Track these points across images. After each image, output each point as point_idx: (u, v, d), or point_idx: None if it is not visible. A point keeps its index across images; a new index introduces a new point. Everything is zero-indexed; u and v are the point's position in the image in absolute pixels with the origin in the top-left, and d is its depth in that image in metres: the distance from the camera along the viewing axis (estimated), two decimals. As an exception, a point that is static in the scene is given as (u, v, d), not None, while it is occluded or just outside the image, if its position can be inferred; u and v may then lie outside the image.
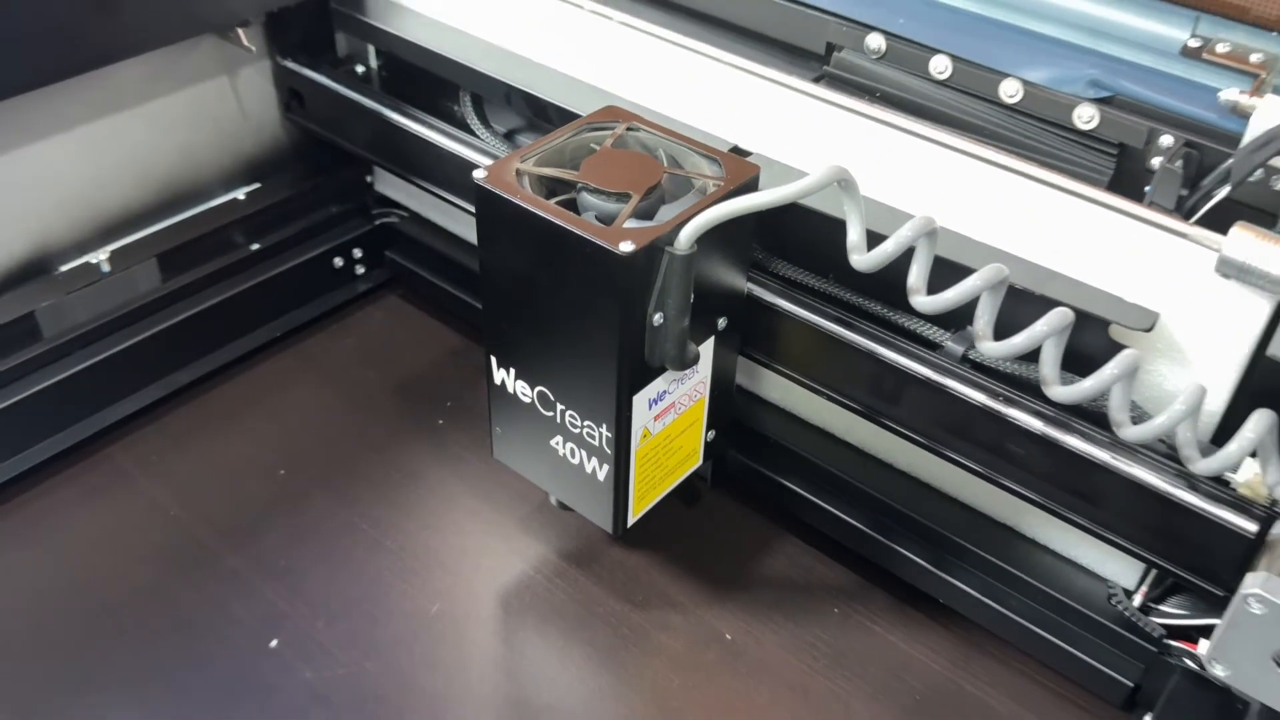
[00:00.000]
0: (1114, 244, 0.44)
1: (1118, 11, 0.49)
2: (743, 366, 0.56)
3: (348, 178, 0.72)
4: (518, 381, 0.50)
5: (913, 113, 0.50)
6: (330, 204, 0.72)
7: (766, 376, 0.56)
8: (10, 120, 0.59)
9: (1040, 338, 0.42)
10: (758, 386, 0.57)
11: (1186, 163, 0.45)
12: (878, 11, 0.52)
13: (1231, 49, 0.47)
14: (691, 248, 0.43)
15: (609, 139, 0.48)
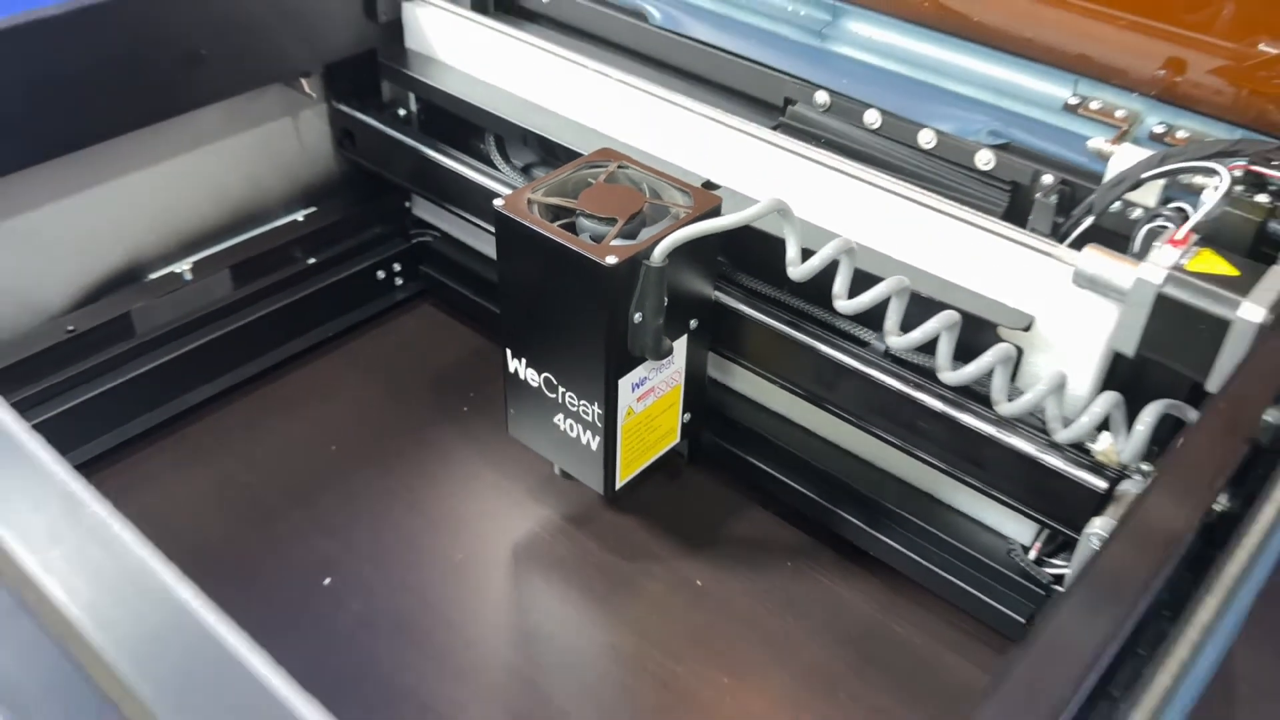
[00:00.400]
0: (1001, 261, 0.54)
1: (1013, 74, 0.60)
2: (716, 362, 0.67)
3: (390, 204, 0.83)
4: (528, 369, 0.61)
5: (850, 156, 0.60)
6: (374, 225, 0.82)
7: (736, 371, 0.66)
8: (112, 156, 0.69)
9: (932, 333, 0.53)
10: (729, 379, 0.68)
11: (1060, 197, 0.56)
12: (824, 72, 0.63)
13: (1102, 105, 0.57)
14: (664, 261, 0.54)
15: (603, 175, 0.59)
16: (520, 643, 0.61)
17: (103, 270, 0.72)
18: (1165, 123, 0.56)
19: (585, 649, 0.61)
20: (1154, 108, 0.57)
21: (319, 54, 0.77)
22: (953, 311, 0.52)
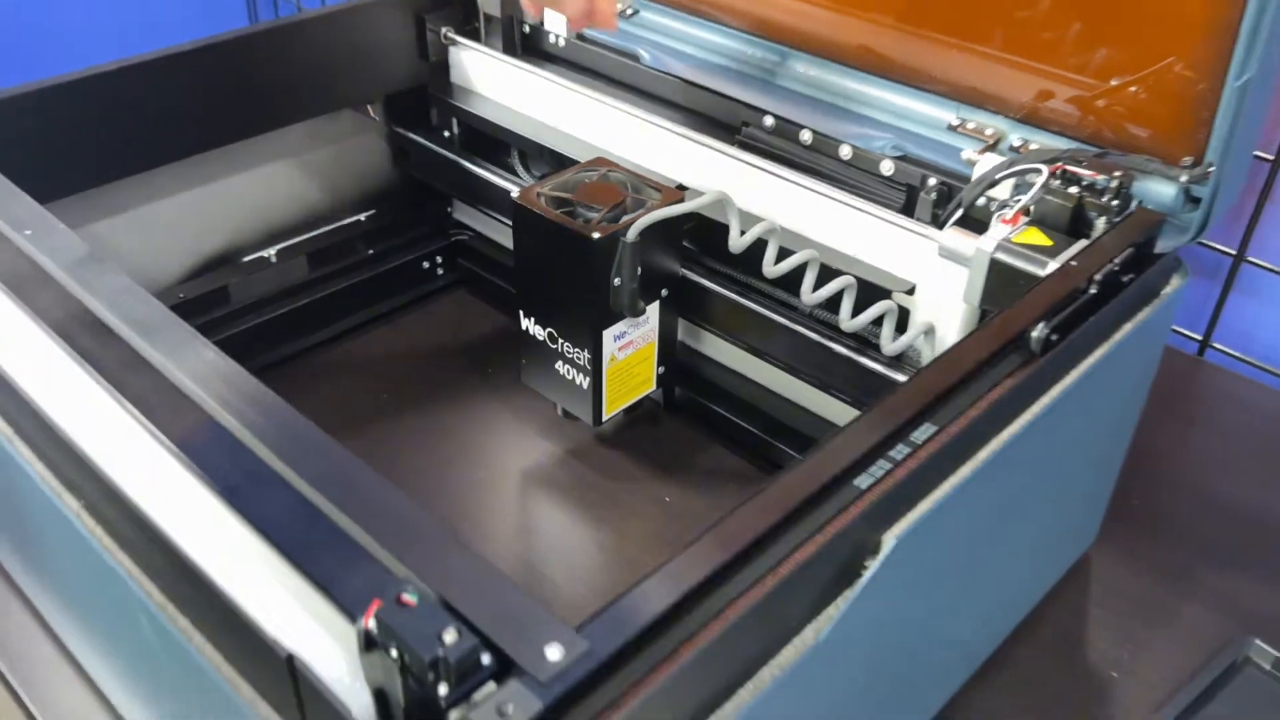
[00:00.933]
0: (895, 242, 0.71)
1: (911, 102, 0.76)
2: (690, 331, 0.85)
3: (434, 208, 0.99)
4: (535, 325, 0.78)
5: (789, 165, 0.77)
6: (421, 225, 0.98)
7: (704, 338, 0.83)
8: (219, 162, 0.85)
9: (834, 290, 0.69)
10: (699, 345, 0.85)
11: (939, 195, 0.72)
12: (771, 101, 0.80)
13: (976, 126, 0.74)
14: (636, 238, 0.71)
15: (595, 176, 0.77)
16: (525, 537, 0.77)
17: (208, 252, 0.88)
18: (1023, 138, 0.72)
19: (574, 543, 0.77)
20: (1015, 127, 0.73)
21: (381, 87, 0.93)
22: (849, 276, 0.68)
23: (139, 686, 0.55)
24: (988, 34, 0.73)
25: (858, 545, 0.46)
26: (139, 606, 0.46)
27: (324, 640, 0.39)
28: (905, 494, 0.47)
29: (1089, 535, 0.76)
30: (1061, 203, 0.64)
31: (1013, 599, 0.68)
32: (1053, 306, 0.55)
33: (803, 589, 0.44)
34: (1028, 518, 0.62)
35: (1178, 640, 0.72)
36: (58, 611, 0.64)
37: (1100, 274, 0.57)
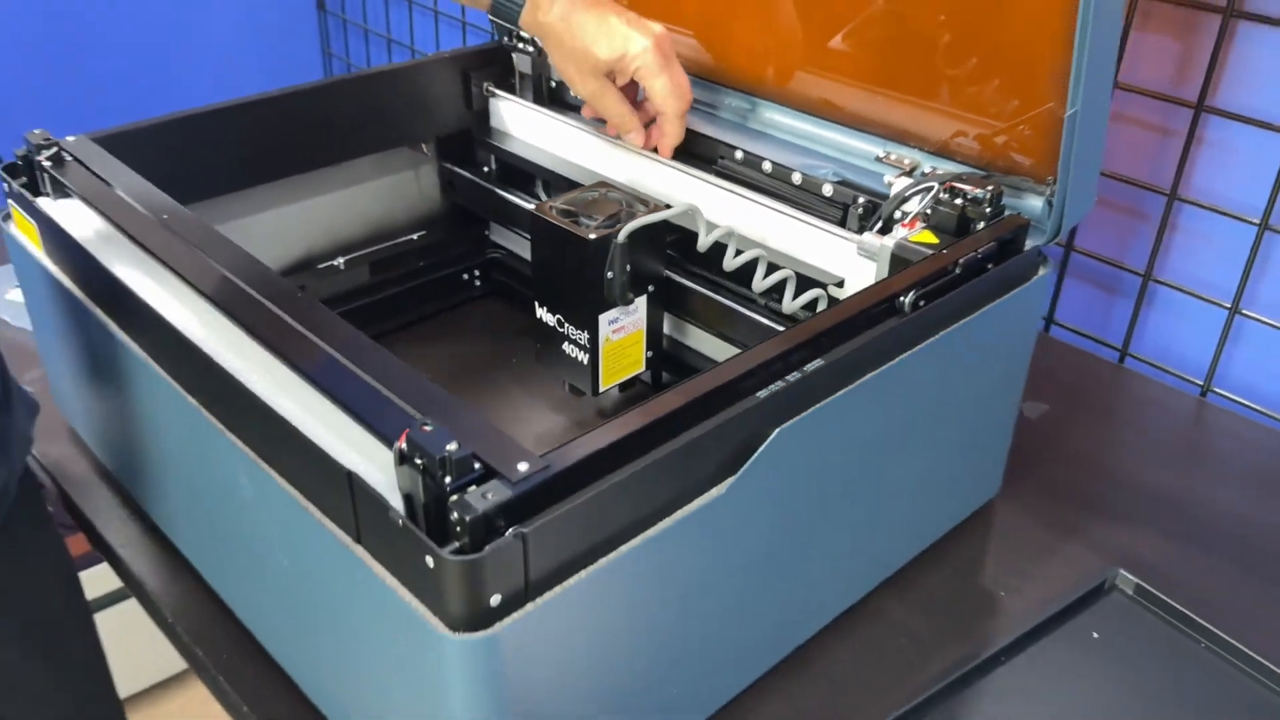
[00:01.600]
0: (830, 246, 0.88)
1: (849, 139, 0.93)
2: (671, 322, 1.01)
3: (475, 230, 1.16)
4: (547, 313, 0.97)
5: (753, 189, 0.95)
6: (464, 244, 1.15)
7: (683, 327, 1.01)
8: (300, 185, 1.01)
9: (776, 279, 0.88)
10: (680, 334, 1.02)
11: (865, 210, 0.90)
12: (740, 139, 0.98)
13: (898, 157, 0.92)
14: (625, 239, 0.90)
15: (596, 194, 0.97)
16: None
17: (289, 259, 1.05)
18: (933, 166, 0.90)
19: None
20: (928, 158, 0.91)
21: (434, 129, 1.10)
22: (789, 270, 0.87)
23: (234, 556, 0.75)
24: (907, 86, 0.92)
25: (752, 433, 0.64)
26: (241, 467, 0.65)
27: (369, 467, 0.58)
28: (790, 403, 0.65)
29: (990, 487, 0.93)
30: (949, 211, 0.82)
31: (914, 522, 0.85)
32: (922, 279, 0.73)
33: (709, 454, 0.62)
34: (913, 451, 0.79)
35: (1059, 572, 0.88)
36: (169, 513, 0.83)
37: (964, 259, 0.76)
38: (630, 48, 0.93)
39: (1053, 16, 0.78)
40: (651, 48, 0.93)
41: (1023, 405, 1.07)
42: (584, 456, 0.56)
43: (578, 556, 0.57)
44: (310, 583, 0.64)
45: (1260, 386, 1.11)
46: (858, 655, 0.79)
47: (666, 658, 0.65)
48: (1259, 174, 1.04)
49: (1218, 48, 1.03)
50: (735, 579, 0.68)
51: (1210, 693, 0.78)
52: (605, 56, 0.93)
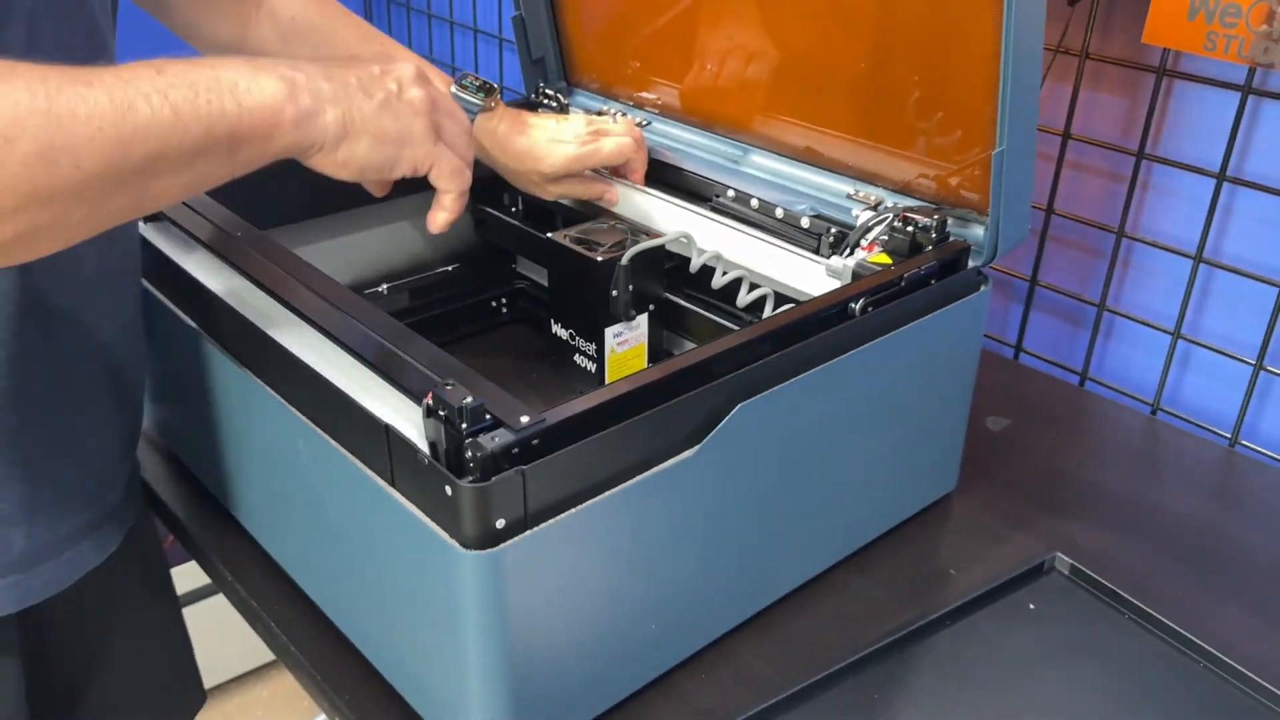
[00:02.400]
0: (805, 269, 1.02)
1: (825, 180, 1.08)
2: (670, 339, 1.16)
3: (503, 262, 1.28)
4: (561, 328, 1.11)
5: (743, 222, 1.11)
6: (493, 275, 1.29)
7: (679, 343, 1.16)
8: (353, 219, 1.12)
9: (757, 296, 1.02)
10: (679, 350, 1.17)
11: (836, 239, 1.04)
12: (732, 180, 1.13)
13: (866, 194, 1.06)
14: (628, 262, 1.05)
15: (605, 225, 1.12)
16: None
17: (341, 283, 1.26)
18: (895, 202, 1.05)
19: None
20: (891, 195, 1.04)
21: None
22: (768, 288, 1.01)
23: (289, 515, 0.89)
24: (874, 135, 1.07)
25: (719, 407, 0.77)
26: (299, 431, 0.79)
27: (401, 422, 0.72)
28: (750, 383, 0.79)
29: (947, 482, 1.05)
30: (902, 237, 0.96)
31: (871, 506, 0.98)
32: (870, 290, 0.87)
33: (680, 421, 0.75)
34: (867, 439, 0.92)
35: (1006, 556, 1.00)
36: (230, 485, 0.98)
37: (907, 275, 0.89)
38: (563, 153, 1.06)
39: (988, 76, 0.91)
40: (583, 136, 1.07)
41: (987, 420, 1.20)
42: (575, 414, 0.70)
43: (568, 496, 0.70)
44: (353, 526, 0.78)
45: (1208, 407, 1.23)
46: (819, 617, 0.92)
47: (645, 595, 0.79)
48: (1196, 214, 1.17)
49: (1153, 103, 1.16)
50: (704, 533, 0.81)
51: (1130, 656, 0.90)
52: (548, 170, 1.07)
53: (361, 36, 1.03)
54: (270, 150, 0.68)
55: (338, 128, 0.70)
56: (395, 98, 0.73)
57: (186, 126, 0.61)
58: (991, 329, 1.41)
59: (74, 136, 0.56)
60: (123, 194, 0.60)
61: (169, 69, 0.63)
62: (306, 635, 0.87)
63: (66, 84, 0.57)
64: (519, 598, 0.70)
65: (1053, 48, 1.22)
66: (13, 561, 0.77)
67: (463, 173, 0.79)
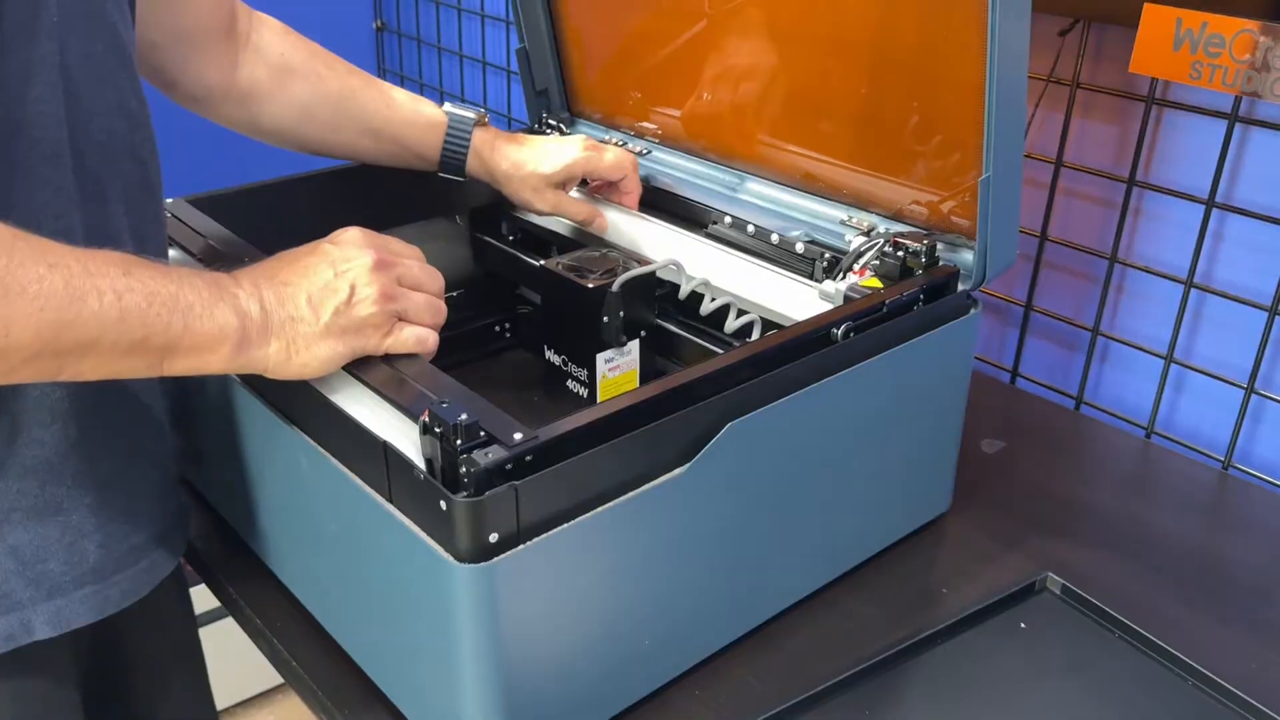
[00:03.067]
0: (799, 293, 1.04)
1: (819, 206, 1.10)
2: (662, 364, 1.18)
3: (504, 289, 1.30)
4: (553, 354, 1.13)
5: (738, 249, 1.12)
6: (495, 301, 1.31)
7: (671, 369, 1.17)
8: None
9: (744, 322, 1.03)
10: (679, 377, 1.18)
11: (830, 264, 1.06)
12: (729, 206, 1.16)
13: (859, 220, 1.09)
14: (619, 289, 1.07)
15: (597, 253, 1.13)
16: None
17: None
18: (887, 227, 1.07)
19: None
20: (884, 220, 1.06)
21: (467, 204, 1.24)
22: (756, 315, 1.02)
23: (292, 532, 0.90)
24: (868, 162, 1.09)
25: (709, 426, 0.79)
26: (299, 448, 0.81)
27: (400, 439, 0.74)
28: (740, 404, 0.81)
29: (940, 503, 1.07)
30: (893, 261, 0.98)
31: (864, 525, 0.99)
32: (855, 314, 0.89)
33: (671, 439, 0.77)
34: (858, 459, 0.93)
35: (998, 576, 1.01)
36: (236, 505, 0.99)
37: (890, 300, 0.91)
38: (566, 156, 1.11)
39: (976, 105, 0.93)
40: (584, 146, 1.12)
41: (982, 443, 1.21)
42: (567, 431, 0.72)
43: (561, 512, 0.72)
44: (351, 541, 0.80)
45: (1202, 431, 1.24)
46: (811, 634, 0.93)
47: (638, 610, 0.80)
48: (1186, 239, 1.18)
49: (1143, 130, 1.18)
50: (696, 550, 0.82)
51: (1121, 675, 0.91)
52: (550, 171, 1.11)
53: (346, 67, 1.07)
54: (204, 368, 0.71)
55: (280, 356, 0.74)
56: (345, 305, 0.76)
57: (128, 329, 0.65)
58: (988, 353, 1.43)
59: (14, 310, 0.59)
60: (42, 366, 0.63)
61: (136, 272, 0.66)
62: (308, 651, 0.89)
63: (30, 259, 0.60)
64: (512, 611, 0.71)
65: (1044, 77, 1.24)
66: (89, 572, 0.77)
67: (425, 342, 0.81)
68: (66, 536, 0.76)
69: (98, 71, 0.73)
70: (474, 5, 2.08)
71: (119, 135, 0.76)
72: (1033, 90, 1.24)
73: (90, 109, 0.73)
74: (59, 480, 0.74)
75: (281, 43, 1.03)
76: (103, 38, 0.74)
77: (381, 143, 1.10)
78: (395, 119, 1.08)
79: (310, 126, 1.06)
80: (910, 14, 1.01)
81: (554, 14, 1.33)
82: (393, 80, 2.40)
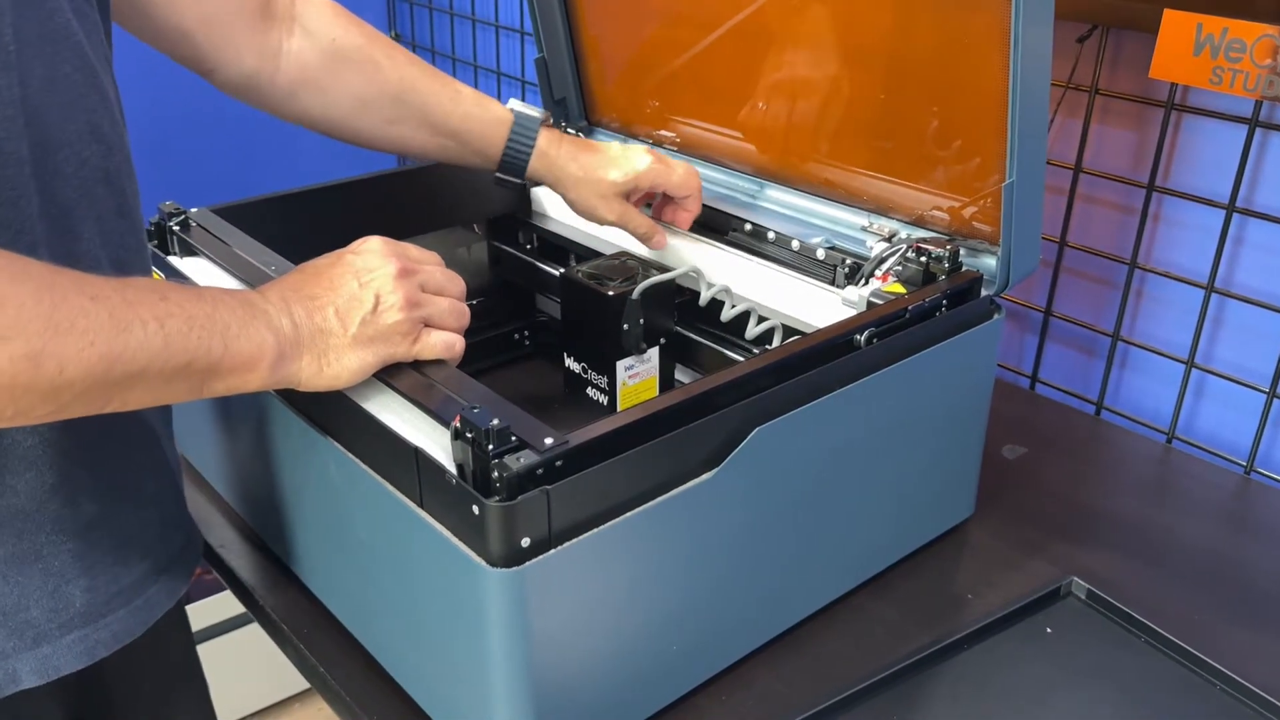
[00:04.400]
0: (823, 300, 1.05)
1: (839, 212, 1.11)
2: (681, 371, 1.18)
3: (523, 297, 1.32)
4: (574, 361, 1.12)
5: (759, 256, 1.13)
6: (513, 308, 1.32)
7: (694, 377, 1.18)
8: None
9: (764, 328, 1.04)
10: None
11: (852, 270, 1.06)
12: (750, 213, 1.16)
13: (879, 226, 1.09)
14: (639, 296, 1.07)
15: (617, 261, 1.14)
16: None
17: None
18: (908, 233, 1.07)
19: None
20: (905, 226, 1.07)
21: (484, 213, 1.26)
22: (777, 321, 1.02)
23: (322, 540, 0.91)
24: (889, 169, 1.09)
25: (736, 431, 0.79)
26: (330, 455, 0.82)
27: (430, 445, 0.74)
28: (767, 409, 0.81)
29: (963, 509, 1.07)
30: (916, 267, 0.98)
31: (889, 531, 0.99)
32: (878, 320, 0.89)
33: (699, 444, 0.77)
34: (882, 464, 0.94)
35: (1022, 581, 1.01)
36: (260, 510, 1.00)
37: (913, 305, 0.91)
38: (638, 165, 1.06)
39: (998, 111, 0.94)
40: (653, 158, 1.07)
41: (1003, 449, 1.21)
42: (598, 436, 0.72)
43: (591, 517, 0.72)
44: (382, 547, 0.80)
45: (1222, 436, 1.24)
46: (837, 640, 0.93)
47: (666, 615, 0.80)
48: (1207, 244, 1.19)
49: (1163, 136, 1.19)
50: (724, 555, 0.83)
51: (1146, 678, 0.91)
52: (620, 179, 1.06)
53: (406, 56, 1.01)
54: (243, 387, 0.71)
55: (312, 369, 0.74)
56: (372, 315, 0.76)
57: (172, 355, 0.64)
58: (1008, 360, 1.43)
59: (66, 346, 0.58)
60: (92, 400, 0.62)
61: (172, 296, 0.66)
62: (336, 658, 0.89)
63: (73, 293, 0.59)
64: (543, 615, 0.71)
65: (1063, 83, 1.24)
66: (75, 617, 0.75)
67: (452, 347, 0.81)
68: (49, 583, 0.74)
69: (65, 96, 0.70)
70: (489, 15, 2.09)
71: (90, 164, 0.72)
72: (1052, 96, 1.24)
73: (58, 139, 0.69)
74: (37, 528, 0.72)
75: (333, 25, 0.97)
76: (69, 58, 0.70)
77: (441, 137, 1.04)
78: (457, 113, 1.03)
79: (365, 119, 1.01)
80: (930, 20, 1.01)
81: (572, 23, 1.33)
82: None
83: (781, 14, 1.13)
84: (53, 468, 0.73)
